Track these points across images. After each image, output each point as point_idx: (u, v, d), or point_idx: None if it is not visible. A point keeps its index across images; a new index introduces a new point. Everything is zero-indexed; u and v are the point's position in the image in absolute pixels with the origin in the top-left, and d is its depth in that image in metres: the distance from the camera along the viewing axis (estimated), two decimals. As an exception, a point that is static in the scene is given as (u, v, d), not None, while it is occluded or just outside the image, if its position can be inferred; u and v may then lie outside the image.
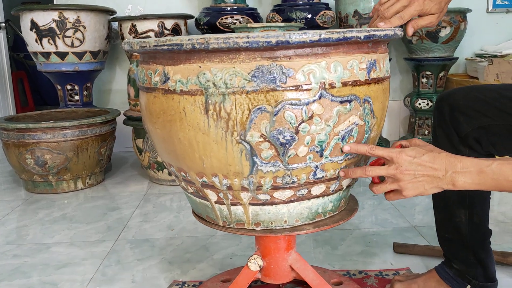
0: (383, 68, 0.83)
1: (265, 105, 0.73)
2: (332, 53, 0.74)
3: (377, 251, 1.39)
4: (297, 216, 0.86)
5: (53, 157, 1.98)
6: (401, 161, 0.78)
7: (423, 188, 0.79)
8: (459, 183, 0.77)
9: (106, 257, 1.42)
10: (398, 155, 0.79)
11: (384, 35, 0.77)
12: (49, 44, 2.30)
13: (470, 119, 1.00)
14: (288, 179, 0.80)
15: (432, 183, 0.78)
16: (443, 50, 2.46)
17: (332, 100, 0.75)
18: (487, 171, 0.75)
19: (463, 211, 1.07)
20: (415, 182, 0.78)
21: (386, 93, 0.86)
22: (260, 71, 0.72)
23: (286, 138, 0.75)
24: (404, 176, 0.78)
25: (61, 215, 1.80)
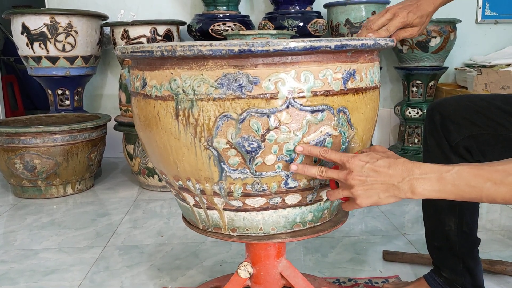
0: (366, 78, 0.81)
1: (231, 113, 0.74)
2: (302, 62, 0.73)
3: (367, 258, 1.40)
4: (273, 224, 0.85)
5: (43, 162, 1.96)
6: (352, 166, 0.74)
7: (377, 197, 0.73)
8: (418, 190, 0.71)
9: (95, 263, 1.41)
10: (350, 160, 0.74)
11: (361, 44, 0.75)
12: (40, 49, 2.29)
13: (460, 128, 1.01)
14: (258, 187, 0.80)
15: (388, 191, 0.73)
16: (433, 59, 2.49)
17: (301, 109, 0.74)
18: (447, 177, 0.70)
19: (452, 219, 1.08)
20: (368, 190, 0.73)
21: (370, 104, 0.84)
22: (227, 78, 0.73)
23: (252, 146, 0.75)
24: (355, 182, 0.73)
25: (50, 220, 1.78)
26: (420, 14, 0.96)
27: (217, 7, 2.41)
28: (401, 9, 0.95)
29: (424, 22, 0.98)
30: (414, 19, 0.95)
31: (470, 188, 0.69)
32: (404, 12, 0.95)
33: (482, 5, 2.80)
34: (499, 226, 1.65)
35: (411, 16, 0.95)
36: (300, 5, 2.42)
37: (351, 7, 2.38)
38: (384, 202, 0.74)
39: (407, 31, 0.97)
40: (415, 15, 0.95)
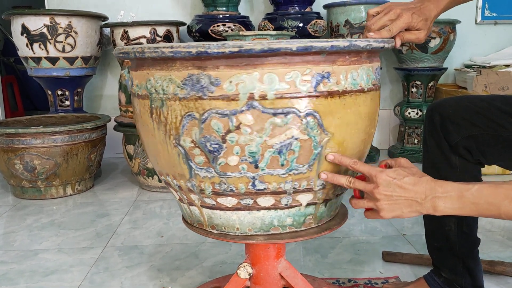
0: (346, 81, 0.77)
1: (194, 113, 0.75)
2: (267, 64, 0.72)
3: (367, 259, 1.40)
4: (249, 225, 0.85)
5: (42, 162, 1.96)
6: (380, 181, 0.77)
7: (400, 211, 0.77)
8: (440, 208, 0.75)
9: (95, 264, 1.41)
10: (378, 174, 0.77)
11: (330, 46, 0.71)
12: (40, 49, 2.29)
13: (460, 128, 1.01)
14: (226, 187, 0.80)
15: (411, 207, 0.77)
16: (432, 60, 2.49)
17: (263, 112, 0.73)
18: (467, 195, 0.74)
19: (452, 220, 1.08)
20: (392, 204, 0.77)
21: (353, 108, 0.79)
22: (191, 79, 0.74)
23: (213, 146, 0.76)
24: (381, 196, 0.77)
25: (50, 221, 1.78)
26: (424, 17, 0.93)
27: (217, 8, 2.41)
28: (406, 10, 0.92)
29: (429, 27, 0.95)
30: (418, 21, 0.92)
31: (489, 205, 0.73)
32: (408, 13, 0.91)
33: (481, 6, 2.81)
34: (498, 226, 1.65)
35: (415, 18, 0.92)
36: (299, 6, 2.42)
37: (350, 7, 2.38)
38: (406, 216, 0.78)
39: (413, 34, 0.93)
40: (419, 17, 0.92)
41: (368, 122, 0.84)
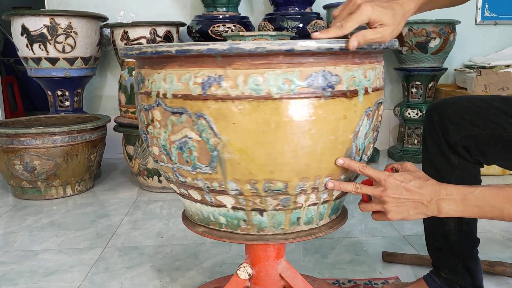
0: (245, 85, 0.72)
1: (140, 104, 0.86)
2: (168, 65, 0.77)
3: (366, 259, 1.40)
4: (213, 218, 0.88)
5: (42, 163, 1.96)
6: (388, 185, 0.79)
7: (407, 213, 0.80)
8: (444, 210, 0.78)
9: (95, 264, 1.41)
10: (386, 178, 0.80)
11: (206, 50, 0.70)
12: (40, 50, 2.29)
13: (459, 128, 1.01)
14: (172, 176, 0.87)
15: (417, 209, 0.79)
16: (432, 60, 2.49)
17: (165, 109, 0.79)
18: (470, 198, 0.76)
19: (452, 220, 1.08)
20: (399, 206, 0.79)
21: (253, 115, 0.73)
22: (137, 76, 0.86)
23: (143, 135, 0.88)
24: (389, 199, 0.79)
25: (50, 221, 1.78)
26: (391, 12, 0.75)
27: (217, 8, 2.42)
28: (367, 0, 0.75)
29: (399, 23, 0.77)
30: (383, 15, 0.74)
31: (491, 208, 0.75)
32: (368, 5, 0.74)
33: (481, 6, 2.81)
34: (498, 227, 1.65)
35: (378, 10, 0.74)
36: (299, 6, 2.43)
37: (350, 8, 2.38)
38: (412, 218, 0.81)
39: (377, 33, 0.74)
40: (384, 10, 0.75)
41: (290, 133, 0.75)
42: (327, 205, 0.88)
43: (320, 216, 0.89)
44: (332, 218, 0.93)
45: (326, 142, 0.77)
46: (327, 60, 0.74)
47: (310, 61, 0.73)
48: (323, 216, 0.89)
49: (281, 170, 0.77)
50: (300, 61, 0.73)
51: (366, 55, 0.80)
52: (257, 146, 0.75)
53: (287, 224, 0.85)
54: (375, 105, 0.84)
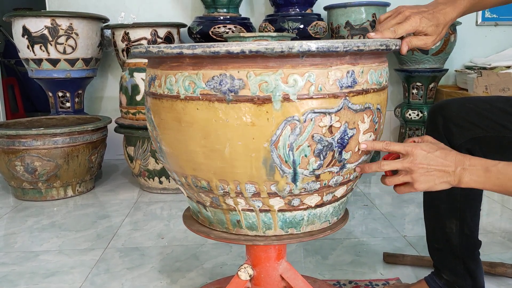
0: (165, 85, 0.80)
1: None
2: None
3: (367, 261, 1.40)
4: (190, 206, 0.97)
5: (43, 164, 1.96)
6: (416, 155, 0.81)
7: (433, 182, 0.81)
8: (465, 179, 0.80)
9: (95, 265, 1.40)
10: (413, 149, 0.82)
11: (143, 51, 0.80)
12: (41, 51, 2.30)
13: (463, 130, 1.01)
14: None
15: (442, 178, 0.81)
16: (433, 61, 2.49)
17: None
18: (492, 170, 0.78)
19: (454, 221, 1.08)
20: (427, 175, 0.81)
21: (171, 113, 0.79)
22: None
23: None
24: (418, 169, 0.81)
25: (50, 222, 1.78)
26: (435, 23, 0.88)
27: (218, 9, 2.42)
28: (415, 13, 0.87)
29: (440, 32, 0.90)
30: (428, 26, 0.87)
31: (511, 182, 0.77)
32: (417, 17, 0.86)
33: (482, 7, 2.80)
34: (499, 228, 1.65)
35: (425, 22, 0.87)
36: (300, 8, 2.43)
37: (351, 9, 2.39)
38: (437, 188, 0.82)
39: (421, 40, 0.88)
40: (430, 22, 0.87)
41: (198, 133, 0.77)
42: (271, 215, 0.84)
43: (266, 225, 0.86)
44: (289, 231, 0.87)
45: (233, 147, 0.76)
46: (229, 63, 0.73)
47: (210, 65, 0.74)
48: (270, 226, 0.85)
49: (200, 169, 0.81)
50: (203, 63, 0.75)
51: (282, 58, 0.72)
52: (177, 143, 0.81)
53: (230, 224, 0.88)
54: (307, 115, 0.74)
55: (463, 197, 1.05)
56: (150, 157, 2.04)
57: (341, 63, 0.75)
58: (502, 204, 1.92)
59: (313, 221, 0.87)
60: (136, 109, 2.06)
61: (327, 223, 0.90)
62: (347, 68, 0.76)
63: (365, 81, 0.79)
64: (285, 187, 0.80)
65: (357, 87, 0.78)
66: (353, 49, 0.73)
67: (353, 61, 0.77)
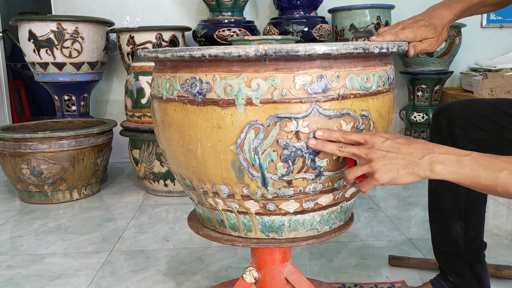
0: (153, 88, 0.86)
1: None
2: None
3: (372, 264, 1.39)
4: None
5: (49, 167, 1.97)
6: (374, 141, 0.74)
7: (396, 172, 0.72)
8: (437, 169, 0.71)
9: (101, 268, 1.41)
10: (371, 136, 0.75)
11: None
12: (47, 55, 2.31)
13: (466, 132, 1.01)
14: None
15: (407, 168, 0.72)
16: (438, 64, 2.49)
17: None
18: (465, 160, 0.71)
19: (459, 223, 1.07)
20: (387, 164, 0.72)
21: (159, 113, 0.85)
22: None
23: None
24: (375, 155, 0.73)
25: (56, 225, 1.79)
26: (433, 27, 0.91)
27: (222, 12, 2.42)
28: (412, 23, 0.91)
29: (441, 33, 0.92)
30: (426, 32, 0.90)
31: (486, 174, 0.69)
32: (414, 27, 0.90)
33: (487, 9, 2.80)
34: (505, 231, 1.64)
35: (422, 31, 0.90)
36: (304, 10, 2.43)
37: (355, 12, 2.39)
38: (402, 180, 0.73)
39: (425, 43, 0.91)
40: (426, 28, 0.90)
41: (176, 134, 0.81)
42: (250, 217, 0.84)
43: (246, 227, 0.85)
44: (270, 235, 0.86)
45: (204, 148, 0.78)
46: (198, 67, 0.76)
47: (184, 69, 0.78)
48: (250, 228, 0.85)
49: (183, 167, 0.85)
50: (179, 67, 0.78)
51: (245, 62, 0.72)
52: (165, 142, 0.86)
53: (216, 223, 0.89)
54: (271, 119, 0.73)
55: (467, 199, 1.05)
56: (155, 160, 2.05)
57: (310, 67, 0.73)
58: (508, 207, 1.91)
59: (296, 227, 0.85)
60: (141, 112, 2.06)
61: (315, 231, 0.87)
62: (317, 73, 0.73)
63: (342, 86, 0.75)
64: (256, 190, 0.80)
65: (331, 92, 0.74)
66: (317, 53, 0.70)
67: (326, 65, 0.74)
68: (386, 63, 0.84)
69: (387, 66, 0.84)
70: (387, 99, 0.85)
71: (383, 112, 0.84)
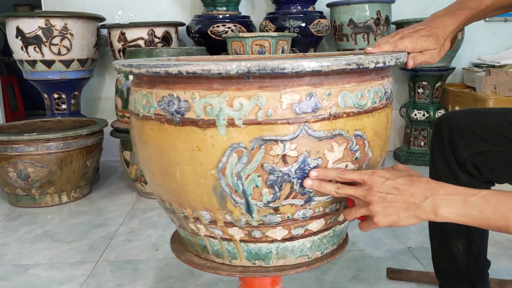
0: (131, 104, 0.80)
1: None
2: None
3: (370, 276, 1.33)
4: None
5: (36, 170, 1.91)
6: (372, 182, 0.68)
7: (396, 216, 0.67)
8: (442, 211, 0.65)
9: (85, 281, 1.35)
10: (370, 176, 0.69)
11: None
12: (35, 52, 2.24)
13: (469, 144, 0.95)
14: None
15: (408, 211, 0.67)
16: (440, 60, 2.40)
17: None
18: (472, 200, 0.65)
19: (461, 240, 1.02)
20: (387, 207, 0.67)
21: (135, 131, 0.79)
22: None
23: None
24: (374, 198, 0.67)
25: (43, 232, 1.73)
26: (435, 37, 0.83)
27: (217, 7, 2.34)
28: (412, 33, 0.84)
29: (443, 45, 0.85)
30: (428, 42, 0.83)
31: (497, 215, 0.64)
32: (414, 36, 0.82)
33: (491, 3, 2.71)
34: (508, 239, 1.57)
35: (422, 40, 0.82)
36: (302, 5, 2.35)
37: (354, 6, 2.31)
38: (403, 223, 0.68)
39: (425, 54, 0.83)
40: (428, 38, 0.83)
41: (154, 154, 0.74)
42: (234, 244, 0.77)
43: (231, 254, 0.79)
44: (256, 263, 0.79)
45: (183, 171, 0.71)
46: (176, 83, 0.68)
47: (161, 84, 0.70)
48: (235, 255, 0.79)
49: (161, 189, 0.78)
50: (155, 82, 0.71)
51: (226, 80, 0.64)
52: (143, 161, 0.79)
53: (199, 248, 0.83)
54: (255, 142, 0.66)
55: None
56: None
57: (298, 85, 0.65)
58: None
59: (285, 255, 0.78)
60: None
61: (305, 258, 0.80)
62: (306, 91, 0.65)
63: (334, 105, 0.67)
64: (240, 217, 0.72)
65: (321, 111, 0.66)
66: (306, 70, 0.62)
67: (316, 82, 0.66)
68: (383, 76, 0.76)
69: (384, 80, 0.76)
70: (383, 116, 0.77)
71: (380, 130, 0.76)
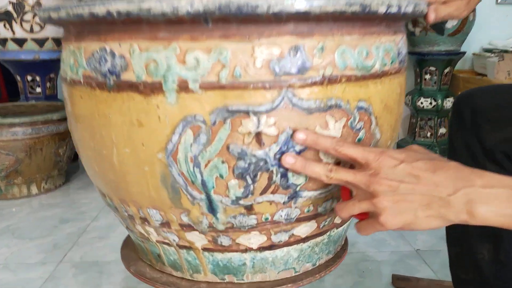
0: None
1: None
2: None
3: (372, 284, 1.14)
4: None
5: (1, 158, 1.71)
6: (380, 165, 0.48)
7: (412, 215, 0.47)
8: (480, 211, 0.45)
9: (42, 286, 1.16)
10: (377, 156, 0.48)
11: None
12: (5, 29, 2.03)
13: (497, 127, 0.78)
14: None
15: (430, 208, 0.46)
16: (449, 43, 2.21)
17: None
18: None
19: (486, 245, 0.84)
20: (399, 202, 0.47)
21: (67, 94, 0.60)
22: None
23: None
24: (381, 187, 0.47)
25: (5, 227, 1.53)
26: None
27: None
28: None
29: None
30: None
31: None
32: None
33: (504, -17, 2.53)
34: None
35: None
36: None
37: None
38: (421, 225, 0.47)
39: (450, 5, 0.69)
40: None
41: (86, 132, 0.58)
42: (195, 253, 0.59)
43: (191, 266, 0.60)
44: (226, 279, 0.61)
45: (121, 154, 0.52)
46: (109, 32, 0.48)
47: (90, 35, 0.50)
48: (197, 268, 0.60)
49: (99, 180, 0.60)
50: (84, 33, 0.51)
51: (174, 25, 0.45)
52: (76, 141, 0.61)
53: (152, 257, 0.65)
54: (217, 114, 0.47)
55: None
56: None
57: (278, 34, 0.46)
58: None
59: (263, 268, 0.59)
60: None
61: (291, 272, 0.62)
62: (290, 42, 0.46)
63: (329, 64, 0.48)
64: (201, 218, 0.53)
65: (311, 73, 0.47)
66: (289, 12, 0.43)
67: (304, 30, 0.46)
68: (395, 31, 0.56)
69: (397, 36, 0.56)
70: (396, 84, 0.56)
71: (391, 103, 0.56)
